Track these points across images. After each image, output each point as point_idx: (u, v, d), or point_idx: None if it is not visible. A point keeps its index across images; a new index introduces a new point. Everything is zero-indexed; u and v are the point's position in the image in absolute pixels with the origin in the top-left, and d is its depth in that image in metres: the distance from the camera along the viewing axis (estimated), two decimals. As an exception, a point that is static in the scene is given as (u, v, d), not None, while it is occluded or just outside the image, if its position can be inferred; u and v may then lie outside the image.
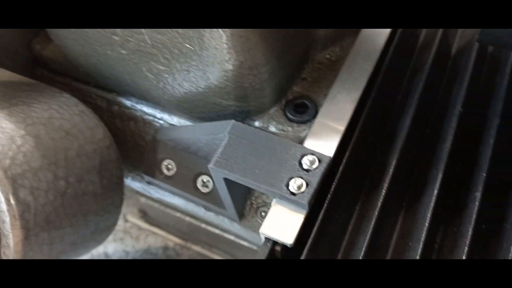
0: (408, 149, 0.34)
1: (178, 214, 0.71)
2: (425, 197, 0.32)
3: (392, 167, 0.33)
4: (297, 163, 0.31)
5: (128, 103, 0.44)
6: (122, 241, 0.76)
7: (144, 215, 0.77)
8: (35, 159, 0.32)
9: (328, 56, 0.41)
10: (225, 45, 0.32)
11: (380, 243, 0.31)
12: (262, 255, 0.29)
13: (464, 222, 0.31)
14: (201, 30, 0.31)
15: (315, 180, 0.30)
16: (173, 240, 0.74)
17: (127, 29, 0.35)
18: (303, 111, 0.38)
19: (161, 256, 0.73)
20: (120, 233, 0.78)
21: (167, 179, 0.41)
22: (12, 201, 0.30)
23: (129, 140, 0.44)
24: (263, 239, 0.30)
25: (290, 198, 0.30)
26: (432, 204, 0.31)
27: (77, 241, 0.36)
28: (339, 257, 0.31)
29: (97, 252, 0.74)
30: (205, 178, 0.40)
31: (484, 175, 0.31)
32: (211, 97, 0.37)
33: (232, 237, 0.67)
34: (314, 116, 0.37)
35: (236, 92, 0.36)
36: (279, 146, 0.32)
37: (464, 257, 0.29)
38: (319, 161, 0.31)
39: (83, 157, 0.36)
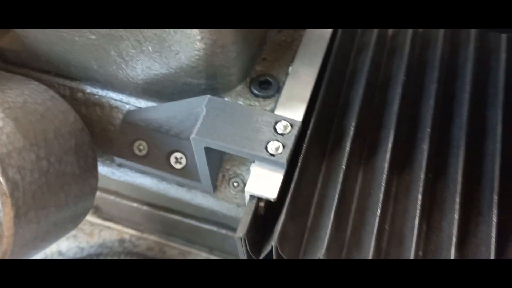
0: (362, 113, 0.39)
1: (134, 205, 0.72)
2: (380, 152, 0.37)
3: (352, 128, 0.37)
4: (272, 129, 0.34)
5: (93, 89, 0.45)
6: (75, 238, 0.75)
7: (97, 210, 0.77)
8: (17, 140, 0.33)
9: (283, 38, 0.45)
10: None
11: (347, 193, 0.35)
12: (248, 211, 0.32)
13: (415, 171, 0.36)
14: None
15: (290, 142, 0.34)
16: (128, 232, 0.75)
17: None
18: (267, 87, 0.41)
19: (117, 248, 0.74)
20: (72, 231, 0.77)
21: (140, 159, 0.43)
22: (2, 180, 0.31)
23: (96, 125, 0.45)
24: (247, 198, 0.34)
25: (270, 159, 0.33)
26: (387, 157, 0.36)
27: (59, 222, 0.37)
28: (312, 209, 0.35)
29: (51, 251, 0.72)
30: (178, 155, 0.42)
31: (429, 130, 0.37)
32: (182, 77, 0.40)
33: (193, 222, 0.69)
34: (277, 91, 0.41)
35: (207, 70, 0.38)
36: (254, 115, 0.35)
37: (419, 202, 0.34)
38: (291, 126, 0.35)
39: (60, 139, 0.37)
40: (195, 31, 0.35)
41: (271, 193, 0.32)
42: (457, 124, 0.38)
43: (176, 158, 0.42)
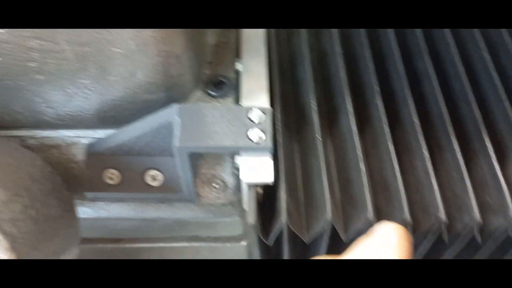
0: (316, 88, 0.42)
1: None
2: (343, 118, 0.40)
3: (313, 103, 0.40)
4: (247, 120, 0.36)
5: (44, 133, 0.43)
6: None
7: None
8: (0, 194, 0.31)
9: (220, 40, 0.47)
10: (153, 39, 0.35)
11: (328, 162, 0.38)
12: (251, 198, 0.34)
13: (377, 125, 0.40)
14: (129, 30, 0.34)
15: (269, 127, 0.36)
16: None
17: (45, 52, 0.35)
18: (222, 87, 0.43)
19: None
20: None
21: (114, 187, 0.42)
22: (0, 236, 0.29)
23: (58, 167, 0.43)
24: (245, 188, 0.35)
25: (257, 147, 0.35)
26: (351, 120, 0.39)
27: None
28: (300, 183, 0.37)
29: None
30: (152, 172, 0.42)
31: (376, 88, 0.41)
32: (141, 95, 0.40)
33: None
34: (233, 88, 0.43)
35: (165, 83, 0.39)
36: (225, 111, 0.37)
37: (391, 150, 0.37)
38: (264, 113, 0.37)
39: (37, 184, 0.36)
40: (151, 47, 0.35)
41: (268, 177, 0.34)
42: (396, 77, 0.43)
43: (151, 176, 0.42)
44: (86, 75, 0.37)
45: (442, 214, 0.33)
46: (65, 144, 0.43)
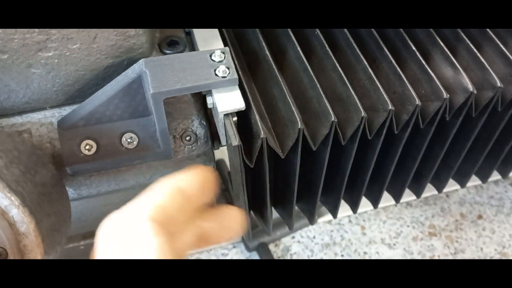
0: (262, 33, 0.47)
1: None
2: (290, 50, 0.45)
3: (263, 43, 0.45)
4: (210, 60, 0.40)
5: (12, 120, 0.44)
6: None
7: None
8: (-2, 158, 0.33)
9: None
10: None
11: (290, 87, 0.43)
12: (229, 125, 0.38)
13: (320, 50, 0.45)
14: None
15: (231, 63, 0.40)
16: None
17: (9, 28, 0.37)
18: (176, 45, 0.46)
19: None
20: None
21: (92, 157, 0.44)
22: (11, 193, 0.31)
23: (36, 149, 0.44)
24: (221, 118, 0.39)
25: (225, 80, 0.39)
26: (298, 50, 0.44)
27: (61, 228, 0.38)
28: (264, 112, 0.42)
29: None
30: (127, 136, 0.44)
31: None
32: (103, 61, 0.42)
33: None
34: (185, 46, 0.46)
35: (125, 43, 0.42)
36: (189, 57, 0.40)
37: (336, 66, 0.43)
38: (223, 52, 0.41)
39: (24, 155, 0.37)
40: (110, 6, 0.38)
41: (240, 104, 0.38)
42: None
43: (127, 140, 0.44)
44: (50, 46, 0.39)
45: (390, 106, 0.39)
46: (35, 127, 0.44)
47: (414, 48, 0.44)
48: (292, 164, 0.41)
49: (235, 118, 0.39)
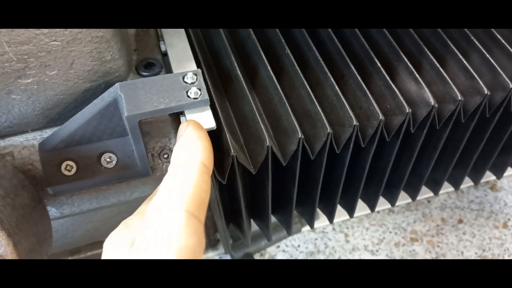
0: (233, 52, 0.49)
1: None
2: (262, 70, 0.47)
3: (235, 63, 0.47)
4: (183, 82, 0.42)
5: (-6, 143, 0.46)
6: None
7: None
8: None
9: (139, 29, 0.52)
10: (86, 28, 0.40)
11: (259, 106, 0.45)
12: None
13: (291, 68, 0.47)
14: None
15: (202, 84, 0.42)
16: None
17: (-13, 57, 0.38)
18: (152, 67, 0.48)
19: None
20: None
21: (72, 177, 0.45)
22: (-10, 216, 0.32)
23: (16, 172, 0.46)
24: (194, 138, 0.41)
25: (196, 101, 0.41)
26: (269, 69, 0.46)
27: (37, 247, 0.39)
28: (237, 129, 0.44)
29: None
30: (106, 156, 0.46)
31: (283, 41, 0.49)
32: (81, 85, 0.44)
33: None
34: (161, 67, 0.48)
35: (102, 68, 0.44)
36: (162, 79, 0.42)
37: (305, 83, 0.45)
38: (195, 74, 0.43)
39: (5, 179, 0.39)
40: (84, 34, 0.40)
41: (210, 123, 0.40)
42: (298, 31, 0.51)
43: (106, 160, 0.46)
44: (29, 73, 0.41)
45: (354, 121, 0.41)
46: (18, 150, 0.46)
47: (379, 65, 0.46)
48: (264, 179, 0.43)
49: (206, 137, 0.41)
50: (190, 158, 0.30)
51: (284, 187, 0.46)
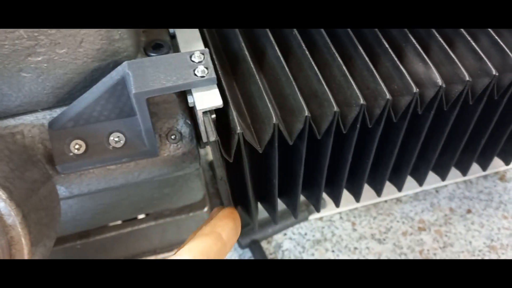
0: (242, 35, 0.49)
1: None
2: (269, 50, 0.48)
3: (242, 45, 0.47)
4: (190, 61, 0.42)
5: (5, 122, 0.46)
6: None
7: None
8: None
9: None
10: (95, 5, 0.40)
11: (266, 86, 0.45)
12: (208, 121, 0.40)
13: (299, 50, 0.47)
14: None
15: (210, 63, 0.42)
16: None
17: (0, 33, 0.39)
18: (160, 48, 0.49)
19: None
20: None
21: (81, 156, 0.46)
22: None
23: (28, 149, 0.47)
24: (200, 115, 0.41)
25: (203, 80, 0.41)
26: (277, 50, 0.46)
27: (45, 221, 0.40)
28: (244, 109, 0.44)
29: None
30: (115, 135, 0.47)
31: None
32: (90, 64, 0.45)
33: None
34: (170, 48, 0.49)
35: (110, 47, 0.44)
36: (170, 58, 0.43)
37: (313, 65, 0.45)
38: (203, 54, 0.43)
39: (15, 153, 0.39)
40: (94, 12, 0.40)
41: (217, 101, 0.40)
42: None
43: (114, 140, 0.47)
44: (39, 51, 0.42)
45: (361, 101, 0.41)
46: (28, 129, 0.47)
47: (387, 46, 0.46)
48: (271, 159, 0.43)
49: (213, 115, 0.41)
50: (207, 227, 0.33)
51: (291, 169, 0.46)
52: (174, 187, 0.64)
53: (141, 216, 0.71)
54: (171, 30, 0.50)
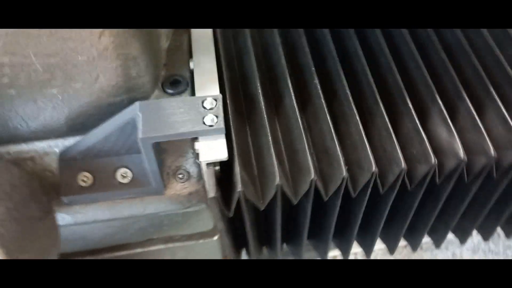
0: (261, 76, 0.47)
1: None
2: (286, 98, 0.46)
3: (259, 90, 0.46)
4: (201, 107, 0.41)
5: (18, 147, 0.47)
6: None
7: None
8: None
9: (175, 43, 0.52)
10: (112, 44, 0.40)
11: (276, 137, 0.44)
12: (210, 175, 0.39)
13: (316, 100, 0.46)
14: (93, 31, 0.38)
15: (220, 112, 0.41)
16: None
17: (16, 66, 0.39)
18: (178, 85, 0.48)
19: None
20: None
21: (87, 189, 0.46)
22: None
23: (34, 177, 0.47)
24: (204, 167, 0.40)
25: (211, 129, 0.40)
26: (293, 99, 0.45)
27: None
28: (253, 160, 0.43)
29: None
30: (122, 171, 0.46)
31: (313, 69, 0.47)
32: (105, 99, 0.44)
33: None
34: (187, 85, 0.48)
35: (126, 84, 0.44)
36: (182, 103, 0.42)
37: (329, 121, 0.43)
38: (215, 100, 0.42)
39: (16, 189, 0.40)
40: (110, 51, 0.40)
41: (222, 154, 0.39)
42: (330, 58, 0.49)
43: (121, 174, 0.46)
44: (54, 84, 0.42)
45: (374, 167, 0.39)
46: (39, 155, 0.47)
47: (410, 106, 0.44)
48: (274, 215, 0.42)
49: (217, 167, 0.40)
50: None
51: (296, 221, 0.45)
52: (184, 217, 0.63)
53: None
54: (192, 66, 0.49)
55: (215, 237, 0.71)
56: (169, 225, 0.65)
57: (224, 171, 0.41)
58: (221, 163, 0.40)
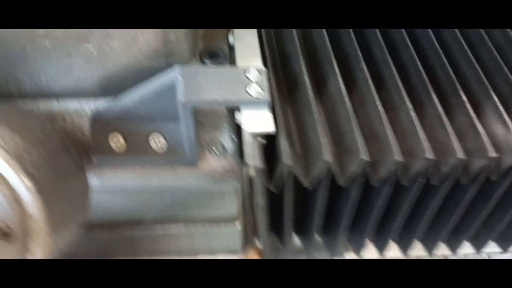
0: (304, 58, 0.45)
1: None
2: (332, 80, 0.43)
3: (303, 68, 0.43)
4: (245, 78, 0.39)
5: (48, 104, 0.44)
6: None
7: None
8: (18, 140, 0.33)
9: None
10: None
11: (323, 117, 0.41)
12: (255, 146, 0.36)
13: (363, 85, 0.43)
14: None
15: (265, 84, 0.38)
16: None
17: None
18: (216, 57, 0.46)
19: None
20: None
21: (119, 151, 0.43)
22: (24, 175, 0.31)
23: (66, 136, 0.44)
24: (249, 139, 0.37)
25: (256, 101, 0.37)
26: (340, 82, 0.42)
27: (69, 214, 0.37)
28: (295, 137, 0.40)
29: None
30: (155, 136, 0.44)
31: (360, 53, 0.45)
32: (142, 62, 0.42)
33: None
34: (226, 59, 0.45)
35: (165, 48, 0.41)
36: (226, 72, 0.39)
37: (379, 107, 0.40)
38: (260, 72, 0.39)
39: (49, 138, 0.37)
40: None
41: (269, 127, 0.37)
42: (377, 47, 0.47)
43: (154, 141, 0.44)
44: (90, 39, 0.39)
45: (430, 155, 0.36)
46: (70, 115, 0.45)
47: (465, 98, 0.41)
48: (318, 197, 0.39)
49: (263, 141, 0.37)
50: None
51: (336, 210, 0.42)
52: (209, 198, 0.60)
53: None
54: (231, 40, 0.47)
55: (237, 223, 0.67)
56: (193, 205, 0.62)
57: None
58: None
